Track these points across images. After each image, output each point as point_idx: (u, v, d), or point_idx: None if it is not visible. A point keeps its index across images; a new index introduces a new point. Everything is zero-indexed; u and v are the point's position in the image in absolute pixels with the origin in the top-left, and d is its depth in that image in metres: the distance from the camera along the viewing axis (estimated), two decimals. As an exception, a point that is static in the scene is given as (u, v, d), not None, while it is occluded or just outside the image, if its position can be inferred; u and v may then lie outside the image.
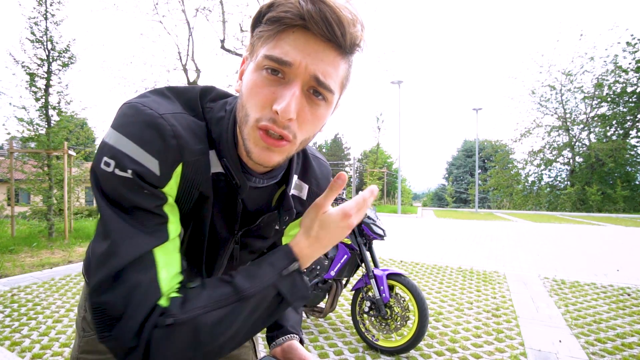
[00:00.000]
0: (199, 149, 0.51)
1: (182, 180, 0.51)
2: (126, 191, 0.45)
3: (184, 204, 0.54)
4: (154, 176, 0.46)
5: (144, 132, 0.46)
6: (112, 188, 0.46)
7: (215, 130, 0.55)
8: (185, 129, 0.50)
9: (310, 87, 0.47)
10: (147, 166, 0.46)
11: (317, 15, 0.42)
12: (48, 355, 2.28)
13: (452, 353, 2.40)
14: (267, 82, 0.46)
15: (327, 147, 45.02)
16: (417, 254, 6.04)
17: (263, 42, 0.47)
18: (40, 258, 5.13)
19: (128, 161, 0.45)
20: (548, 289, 4.00)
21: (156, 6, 10.71)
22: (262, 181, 0.59)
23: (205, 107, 0.56)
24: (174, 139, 0.47)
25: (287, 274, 0.51)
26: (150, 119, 0.47)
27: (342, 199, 2.59)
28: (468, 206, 39.11)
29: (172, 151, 0.47)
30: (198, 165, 0.52)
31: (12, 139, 7.09)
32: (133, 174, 0.45)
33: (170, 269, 0.48)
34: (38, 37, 6.79)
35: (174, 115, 0.50)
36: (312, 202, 0.71)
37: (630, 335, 2.74)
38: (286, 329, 0.74)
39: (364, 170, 30.39)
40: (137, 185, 0.45)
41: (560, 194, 26.97)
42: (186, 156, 0.49)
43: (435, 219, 14.60)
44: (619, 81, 25.71)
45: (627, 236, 9.26)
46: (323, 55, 0.45)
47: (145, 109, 0.47)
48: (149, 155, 0.46)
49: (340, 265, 2.49)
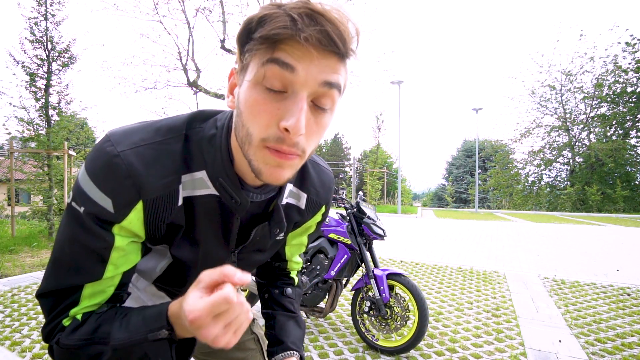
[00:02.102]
0: (162, 184, 0.51)
1: (146, 214, 0.52)
2: (76, 226, 0.49)
3: (154, 233, 0.55)
4: (108, 213, 0.49)
5: (100, 171, 0.48)
6: (69, 219, 0.50)
7: (208, 151, 0.54)
8: (149, 164, 0.50)
9: (314, 98, 0.45)
10: (100, 204, 0.48)
11: (315, 27, 0.40)
12: (48, 355, 2.28)
13: (452, 353, 2.40)
14: (269, 98, 0.44)
15: (327, 147, 45.04)
16: (417, 254, 6.04)
17: (258, 55, 0.43)
18: (40, 258, 5.13)
19: (83, 198, 0.49)
20: (548, 289, 4.00)
21: (156, 6, 10.70)
22: (259, 196, 0.58)
23: (195, 129, 0.55)
24: (129, 178, 0.48)
25: (154, 339, 0.49)
26: (107, 158, 0.48)
27: (343, 199, 2.59)
28: (468, 206, 39.11)
29: (127, 190, 0.49)
30: (161, 201, 0.52)
31: (12, 139, 7.09)
32: (85, 213, 0.49)
33: (92, 301, 0.53)
34: (38, 37, 6.79)
35: (138, 149, 0.50)
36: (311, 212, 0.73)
37: (630, 335, 2.74)
38: (286, 345, 0.73)
39: (364, 170, 30.39)
40: (86, 224, 0.49)
41: (560, 194, 26.97)
42: (144, 194, 0.50)
43: (435, 219, 14.60)
44: (618, 81, 25.71)
45: (627, 236, 9.26)
46: (325, 62, 0.43)
47: (107, 145, 0.49)
48: (102, 193, 0.48)
49: (340, 265, 2.49)
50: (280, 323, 0.77)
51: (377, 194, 26.91)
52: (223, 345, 0.42)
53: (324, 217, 0.78)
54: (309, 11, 0.40)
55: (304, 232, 0.79)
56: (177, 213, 0.54)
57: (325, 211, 0.76)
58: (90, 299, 0.52)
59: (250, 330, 0.92)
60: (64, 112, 7.20)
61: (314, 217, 0.75)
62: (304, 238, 0.81)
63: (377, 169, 28.74)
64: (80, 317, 0.52)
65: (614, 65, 25.50)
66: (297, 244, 0.81)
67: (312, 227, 0.79)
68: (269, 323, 0.80)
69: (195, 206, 0.56)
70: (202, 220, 0.57)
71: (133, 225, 0.51)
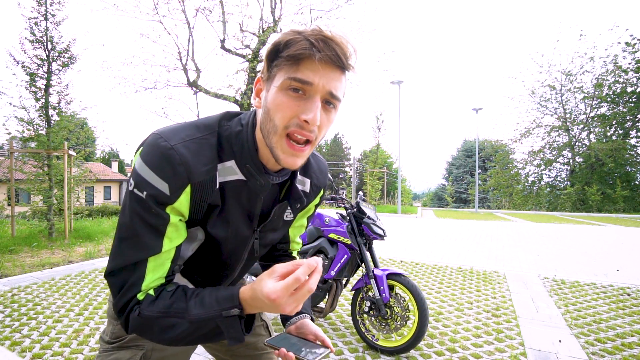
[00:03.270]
0: (205, 170, 0.64)
1: (192, 197, 0.64)
2: (139, 208, 0.61)
3: (196, 214, 0.67)
4: (165, 195, 0.61)
5: (157, 161, 0.60)
6: (132, 203, 0.62)
7: (236, 143, 0.68)
8: (194, 154, 0.63)
9: (324, 99, 0.61)
10: (158, 188, 0.60)
11: (327, 49, 0.56)
12: (48, 355, 2.28)
13: (452, 353, 2.40)
14: (292, 99, 0.59)
15: (327, 147, 45.03)
16: (417, 254, 6.04)
17: (284, 68, 0.59)
18: (40, 258, 5.13)
19: (144, 184, 0.60)
20: (548, 289, 4.00)
21: (156, 6, 10.70)
22: (277, 178, 0.73)
23: (223, 126, 0.69)
24: (181, 165, 0.61)
25: (227, 316, 0.59)
26: (163, 151, 0.60)
27: (343, 199, 2.59)
28: (468, 206, 39.10)
29: (180, 176, 0.61)
30: (204, 184, 0.64)
31: (12, 139, 7.09)
32: (147, 196, 0.60)
33: (156, 273, 0.64)
34: (38, 37, 6.79)
35: (185, 143, 0.62)
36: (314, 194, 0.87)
37: (630, 335, 2.74)
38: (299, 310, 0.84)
39: (364, 170, 30.38)
40: (147, 205, 0.60)
41: (560, 194, 26.96)
42: (193, 178, 0.62)
43: (435, 219, 14.60)
44: (618, 81, 25.70)
45: (627, 236, 9.26)
46: (333, 75, 0.59)
47: (160, 141, 0.61)
48: (160, 179, 0.60)
49: (340, 265, 2.49)
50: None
51: (377, 194, 26.90)
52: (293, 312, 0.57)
53: (322, 200, 0.93)
54: (323, 37, 0.56)
55: (305, 215, 0.93)
56: (215, 195, 0.66)
57: (322, 194, 0.91)
58: (154, 272, 0.63)
59: (260, 317, 1.04)
60: (64, 112, 7.20)
61: (315, 199, 0.89)
62: (304, 220, 0.95)
63: (377, 169, 28.73)
64: (153, 292, 0.63)
65: (614, 65, 25.49)
66: (299, 225, 0.95)
67: (311, 209, 0.93)
68: None
69: (226, 190, 0.68)
70: (232, 202, 0.70)
71: (182, 205, 0.63)
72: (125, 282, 0.62)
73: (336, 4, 11.47)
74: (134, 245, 0.61)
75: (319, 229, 2.67)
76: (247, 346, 0.98)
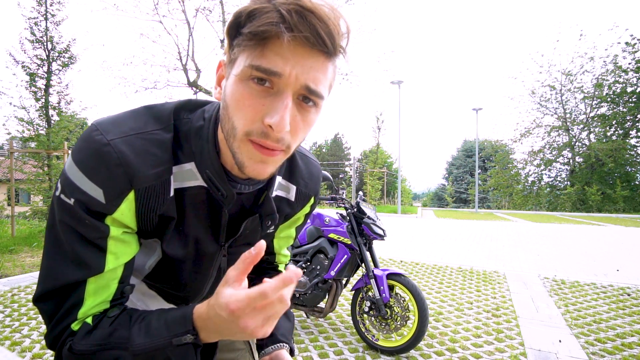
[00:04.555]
0: (154, 174, 0.50)
1: (138, 205, 0.51)
2: (68, 218, 0.48)
3: (146, 226, 0.54)
4: (99, 204, 0.47)
5: (89, 161, 0.47)
6: (59, 212, 0.49)
7: (196, 143, 0.54)
8: (139, 153, 0.49)
9: (300, 95, 0.45)
10: (91, 194, 0.47)
11: (304, 25, 0.40)
12: (48, 355, 2.28)
13: (452, 353, 2.40)
14: (255, 93, 0.44)
15: (327, 147, 45.01)
16: (417, 254, 6.04)
17: (246, 51, 0.44)
18: (40, 258, 5.13)
19: (72, 189, 0.47)
20: (548, 289, 4.00)
21: (156, 6, 10.71)
22: (247, 187, 0.58)
23: (183, 119, 0.55)
24: (120, 167, 0.47)
25: (179, 344, 0.47)
26: (96, 147, 0.47)
27: (343, 199, 2.59)
28: (468, 206, 39.11)
29: (119, 179, 0.47)
30: (153, 190, 0.51)
31: (13, 139, 7.09)
32: (75, 203, 0.47)
33: (98, 297, 0.51)
34: (38, 37, 6.80)
35: (128, 138, 0.48)
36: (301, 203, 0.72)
37: (630, 335, 2.74)
38: (276, 338, 0.71)
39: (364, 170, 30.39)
40: (78, 214, 0.47)
41: (560, 194, 26.96)
42: (136, 183, 0.49)
43: (435, 219, 14.60)
44: (618, 81, 25.69)
45: (627, 236, 9.26)
46: (312, 62, 0.43)
47: (95, 134, 0.48)
48: (92, 184, 0.46)
49: (340, 265, 2.49)
50: None
51: (377, 194, 26.91)
52: (261, 335, 0.43)
53: (312, 208, 0.78)
54: (299, 8, 0.40)
55: (292, 225, 0.79)
56: (168, 204, 0.53)
57: (313, 202, 0.76)
58: (95, 296, 0.50)
59: None
60: (64, 112, 7.21)
61: (303, 208, 0.74)
62: (292, 231, 0.80)
63: (377, 169, 28.73)
64: (91, 320, 0.50)
65: (614, 65, 25.48)
66: (285, 236, 0.80)
67: (300, 219, 0.78)
68: None
69: (185, 198, 0.55)
70: (192, 213, 0.57)
71: (125, 216, 0.50)
72: (57, 308, 0.49)
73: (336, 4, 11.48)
74: (66, 264, 0.48)
75: (319, 229, 2.67)
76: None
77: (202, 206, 0.57)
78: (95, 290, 0.50)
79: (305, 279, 2.55)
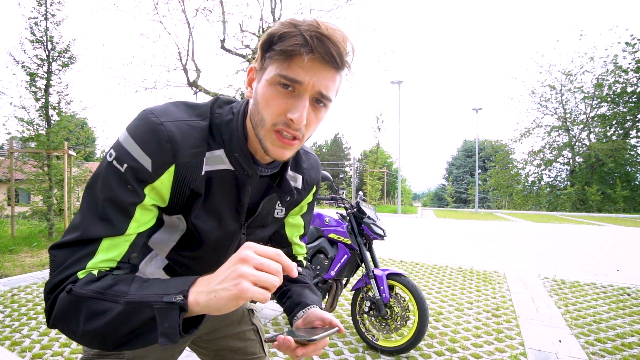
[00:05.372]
0: (192, 153, 0.61)
1: (175, 177, 0.61)
2: (115, 182, 0.56)
3: (177, 199, 0.64)
4: (146, 171, 0.57)
5: (144, 135, 0.57)
6: (107, 175, 0.57)
7: (226, 132, 0.66)
8: (184, 135, 0.60)
9: (314, 98, 0.59)
10: (141, 162, 0.57)
11: (321, 47, 0.54)
12: (48, 355, 2.28)
13: (452, 353, 2.40)
14: (281, 95, 0.58)
15: (327, 147, 45.02)
16: (417, 254, 6.04)
17: (276, 62, 0.57)
18: (40, 258, 5.13)
19: (126, 156, 0.57)
20: (548, 289, 4.00)
21: (156, 6, 10.71)
22: (267, 170, 0.71)
23: (215, 113, 0.67)
24: (168, 142, 0.58)
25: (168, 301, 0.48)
26: (151, 125, 0.58)
27: (343, 199, 2.59)
28: (468, 206, 39.11)
29: (165, 153, 0.58)
30: (190, 166, 0.61)
31: (12, 139, 7.09)
32: (126, 169, 0.56)
33: (108, 253, 0.56)
34: (38, 37, 6.79)
35: (176, 122, 0.60)
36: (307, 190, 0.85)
37: (630, 335, 2.74)
38: (305, 303, 0.78)
39: (364, 170, 30.38)
40: (125, 179, 0.56)
41: (560, 194, 26.97)
42: (178, 158, 0.59)
43: (435, 219, 14.60)
44: (619, 81, 25.71)
45: (627, 236, 9.26)
46: (325, 74, 0.57)
47: (151, 116, 0.59)
48: (144, 153, 0.57)
49: (340, 265, 2.49)
50: (296, 291, 0.82)
51: (377, 194, 26.90)
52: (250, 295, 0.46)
53: (315, 197, 0.91)
54: (318, 34, 0.54)
55: (299, 212, 0.90)
56: (200, 181, 0.64)
57: (315, 191, 0.89)
58: (106, 252, 0.56)
59: (250, 321, 0.99)
60: (64, 112, 7.20)
61: (307, 196, 0.87)
62: (299, 218, 0.91)
63: (377, 169, 28.73)
64: (97, 273, 0.54)
65: (614, 65, 25.48)
66: (294, 223, 0.90)
67: (304, 207, 0.90)
68: (285, 297, 0.83)
69: (213, 179, 0.66)
70: (218, 192, 0.67)
71: (163, 186, 0.60)
72: (69, 257, 0.54)
73: (336, 4, 11.49)
74: (96, 220, 0.55)
75: (319, 229, 2.67)
76: (237, 351, 0.94)
77: (228, 187, 0.68)
78: (109, 247, 0.56)
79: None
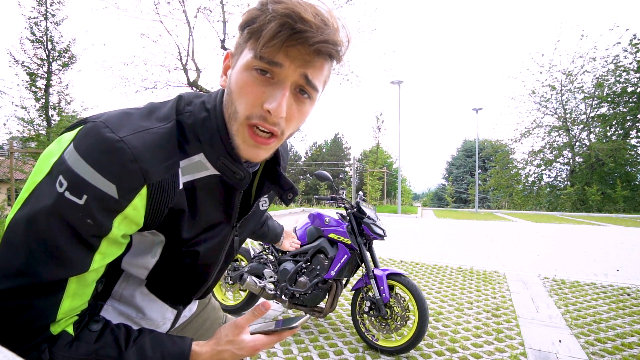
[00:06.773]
0: (164, 167, 0.51)
1: (149, 199, 0.51)
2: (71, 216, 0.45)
3: (154, 220, 0.54)
4: (111, 199, 0.47)
5: (102, 157, 0.46)
6: (58, 208, 0.45)
7: (204, 133, 0.55)
8: (150, 148, 0.49)
9: (297, 87, 0.51)
10: (103, 190, 0.46)
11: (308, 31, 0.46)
12: (48, 355, 2.28)
13: (452, 353, 2.40)
14: (257, 82, 0.49)
15: (327, 147, 45.01)
16: (417, 254, 6.04)
17: (253, 43, 0.48)
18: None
19: (83, 186, 0.45)
20: (548, 289, 4.00)
21: (157, 6, 10.71)
22: (255, 165, 0.66)
23: (184, 112, 0.56)
24: (134, 163, 0.47)
25: None
26: (109, 144, 0.46)
27: (343, 199, 2.59)
28: (468, 206, 39.11)
29: (133, 175, 0.47)
30: (164, 184, 0.51)
31: (13, 139, 7.10)
32: (87, 201, 0.45)
33: (77, 299, 0.49)
34: (38, 37, 6.82)
35: (138, 134, 0.49)
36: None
37: (630, 335, 2.74)
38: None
39: (364, 170, 30.39)
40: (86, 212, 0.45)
41: (560, 194, 26.94)
42: (149, 178, 0.49)
43: (435, 219, 14.60)
44: (619, 81, 25.68)
45: (627, 236, 9.26)
46: (310, 59, 0.49)
47: (105, 131, 0.47)
48: (105, 179, 0.46)
49: (340, 265, 2.49)
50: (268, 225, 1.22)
51: (377, 194, 26.91)
52: None
53: None
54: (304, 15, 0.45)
55: None
56: (179, 197, 0.54)
57: None
58: (74, 297, 0.49)
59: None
60: (64, 112, 7.21)
61: None
62: None
63: (377, 169, 28.73)
64: (72, 330, 0.49)
65: (614, 65, 25.47)
66: None
67: None
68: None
69: (197, 190, 0.57)
70: (205, 201, 0.59)
71: (137, 212, 0.50)
72: (29, 307, 0.44)
73: (336, 4, 11.49)
74: (48, 260, 0.45)
75: (319, 229, 2.67)
76: None
77: (216, 193, 0.60)
78: (76, 291, 0.48)
79: (305, 279, 2.55)
